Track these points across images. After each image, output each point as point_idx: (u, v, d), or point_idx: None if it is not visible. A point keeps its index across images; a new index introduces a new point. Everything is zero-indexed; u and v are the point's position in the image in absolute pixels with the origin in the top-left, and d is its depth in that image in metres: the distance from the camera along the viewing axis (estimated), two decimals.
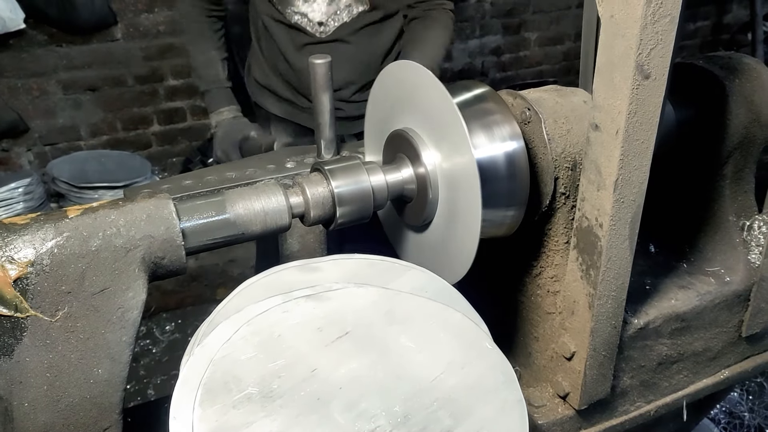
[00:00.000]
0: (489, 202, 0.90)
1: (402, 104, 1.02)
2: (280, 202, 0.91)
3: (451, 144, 0.93)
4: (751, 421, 2.38)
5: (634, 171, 0.88)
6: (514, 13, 4.81)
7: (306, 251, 1.23)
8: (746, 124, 1.11)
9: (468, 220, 0.92)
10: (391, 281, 0.85)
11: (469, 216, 0.92)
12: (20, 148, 3.72)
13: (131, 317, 0.81)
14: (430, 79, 0.94)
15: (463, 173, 0.91)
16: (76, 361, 0.78)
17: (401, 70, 1.01)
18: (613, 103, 0.84)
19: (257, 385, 0.71)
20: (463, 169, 0.91)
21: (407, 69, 1.00)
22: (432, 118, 0.96)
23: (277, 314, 0.78)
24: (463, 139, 0.89)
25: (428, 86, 0.98)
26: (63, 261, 0.76)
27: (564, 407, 1.10)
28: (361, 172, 0.97)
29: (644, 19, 0.77)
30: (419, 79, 0.97)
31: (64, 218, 0.78)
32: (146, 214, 0.82)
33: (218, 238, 0.88)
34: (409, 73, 1.00)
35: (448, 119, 0.92)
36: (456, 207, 0.95)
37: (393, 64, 1.03)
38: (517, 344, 1.21)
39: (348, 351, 0.75)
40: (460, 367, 0.75)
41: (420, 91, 0.97)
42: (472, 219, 0.91)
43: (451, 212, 0.97)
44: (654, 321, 1.10)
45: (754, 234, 1.18)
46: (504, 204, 0.96)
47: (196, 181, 1.17)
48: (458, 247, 0.96)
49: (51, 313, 0.76)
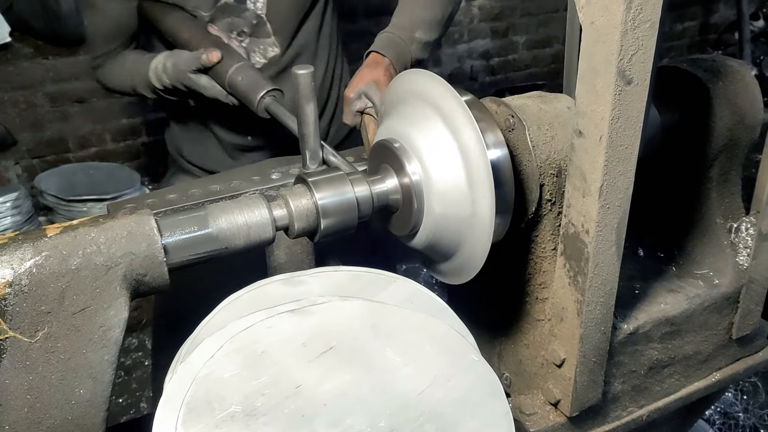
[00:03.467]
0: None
1: (392, 112, 1.03)
2: (264, 215, 0.90)
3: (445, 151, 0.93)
4: (745, 422, 2.38)
5: (619, 177, 0.88)
6: (502, 16, 4.83)
7: (293, 263, 1.22)
8: (731, 126, 1.11)
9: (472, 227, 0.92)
10: (376, 293, 0.84)
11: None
12: (8, 162, 3.69)
13: (113, 336, 0.80)
14: (417, 85, 0.93)
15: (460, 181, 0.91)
16: (57, 382, 0.76)
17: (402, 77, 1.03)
18: (596, 109, 0.84)
19: (241, 403, 0.70)
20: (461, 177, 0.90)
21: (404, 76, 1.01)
22: (419, 124, 0.96)
23: (261, 330, 0.77)
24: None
25: (414, 92, 0.98)
26: (42, 281, 0.75)
27: (555, 414, 1.10)
28: (345, 183, 0.96)
29: (624, 25, 0.77)
30: (408, 85, 0.96)
31: (43, 237, 0.77)
32: (127, 231, 0.81)
33: (201, 253, 0.87)
34: (403, 79, 1.01)
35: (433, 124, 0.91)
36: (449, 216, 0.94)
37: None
38: (508, 351, 1.20)
39: (332, 366, 0.74)
40: (446, 380, 0.74)
41: (410, 96, 0.97)
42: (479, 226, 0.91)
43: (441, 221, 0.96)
44: (644, 326, 1.10)
45: (741, 236, 1.18)
46: None
47: (181, 194, 1.16)
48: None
49: (30, 333, 0.75)
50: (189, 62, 1.57)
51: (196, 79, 1.58)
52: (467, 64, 4.82)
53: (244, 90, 1.51)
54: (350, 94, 1.55)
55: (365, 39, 4.82)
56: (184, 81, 1.60)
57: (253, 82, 1.50)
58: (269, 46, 1.78)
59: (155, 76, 1.66)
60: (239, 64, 1.53)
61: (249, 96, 1.49)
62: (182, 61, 1.58)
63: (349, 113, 1.56)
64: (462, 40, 4.74)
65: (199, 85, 1.59)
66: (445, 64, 4.73)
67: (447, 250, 1.00)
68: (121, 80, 1.82)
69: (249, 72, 1.52)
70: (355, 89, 1.55)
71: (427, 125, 0.96)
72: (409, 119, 0.99)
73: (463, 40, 4.75)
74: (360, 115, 1.56)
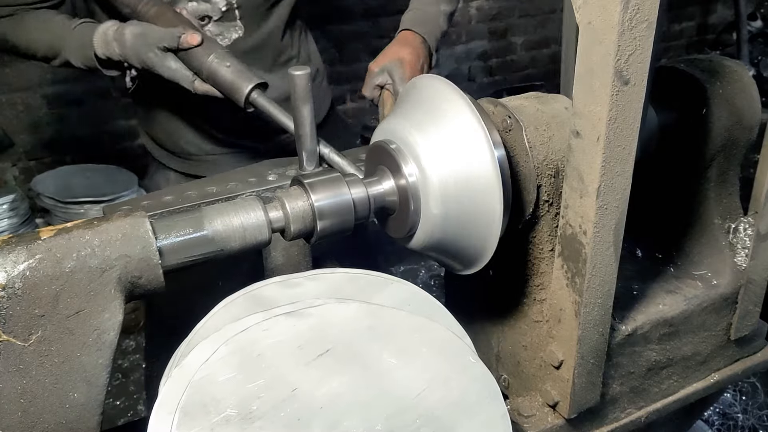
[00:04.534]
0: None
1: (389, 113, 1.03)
2: (259, 217, 0.90)
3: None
4: (744, 422, 2.38)
5: (617, 177, 0.87)
6: (499, 17, 4.82)
7: (290, 264, 1.22)
8: (728, 126, 1.11)
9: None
10: (373, 295, 0.84)
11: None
12: (5, 164, 3.68)
13: (108, 339, 0.79)
14: (415, 85, 0.93)
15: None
16: (51, 385, 0.76)
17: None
18: (594, 110, 0.83)
19: (236, 407, 0.69)
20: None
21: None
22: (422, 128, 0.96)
23: (257, 332, 0.76)
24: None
25: (412, 92, 0.98)
26: (36, 284, 0.74)
27: (554, 416, 1.09)
28: (341, 184, 0.95)
29: (621, 25, 0.76)
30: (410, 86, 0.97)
31: (37, 240, 0.76)
32: (122, 234, 0.80)
33: (196, 255, 0.87)
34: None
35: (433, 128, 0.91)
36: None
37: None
38: (506, 353, 1.20)
39: (329, 369, 0.74)
40: (443, 382, 0.74)
41: (407, 96, 0.97)
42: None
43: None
44: (642, 327, 1.10)
45: (739, 236, 1.18)
46: None
47: (177, 196, 1.16)
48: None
49: (24, 337, 0.74)
50: (161, 38, 1.42)
51: (162, 57, 1.43)
52: (465, 65, 4.81)
53: (230, 80, 1.41)
54: (375, 68, 1.59)
55: (363, 40, 4.82)
56: (145, 56, 1.43)
57: (240, 73, 1.41)
58: (234, 29, 1.71)
59: (102, 42, 1.47)
60: (220, 50, 1.44)
61: (234, 86, 1.40)
62: (152, 35, 1.43)
63: (369, 86, 1.60)
64: (460, 41, 4.74)
65: (162, 64, 1.44)
66: (443, 65, 4.72)
67: (446, 251, 1.00)
68: (37, 38, 1.57)
69: (233, 61, 1.43)
70: (380, 64, 1.59)
71: (424, 125, 0.96)
72: (407, 120, 0.99)
73: (461, 41, 4.75)
74: (380, 89, 1.60)
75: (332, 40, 4.35)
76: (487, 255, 0.96)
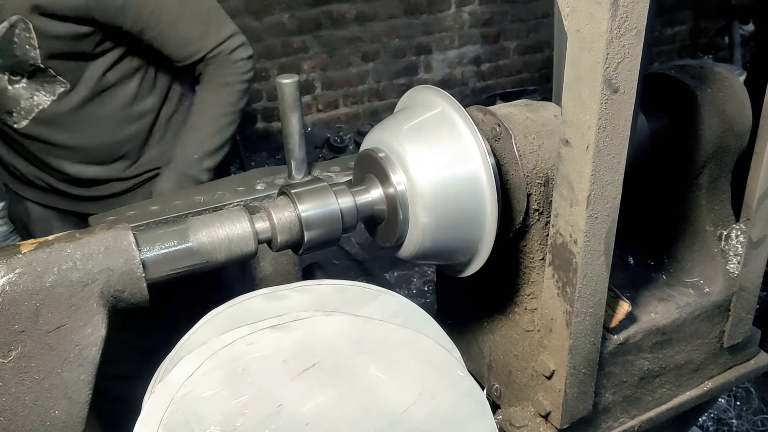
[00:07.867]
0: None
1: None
2: (245, 228, 0.88)
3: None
4: (739, 428, 2.37)
5: (607, 186, 0.86)
6: (492, 22, 4.82)
7: (279, 274, 1.20)
8: (719, 133, 1.10)
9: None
10: (360, 308, 0.82)
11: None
12: None
13: (90, 354, 0.77)
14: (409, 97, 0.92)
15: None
16: (31, 403, 0.74)
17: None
18: (583, 118, 0.82)
19: (220, 424, 0.68)
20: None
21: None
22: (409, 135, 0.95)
23: (242, 347, 0.75)
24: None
25: (401, 102, 0.97)
26: (15, 298, 0.73)
27: (546, 426, 1.08)
28: (328, 194, 0.94)
29: (610, 33, 0.75)
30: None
31: (17, 254, 0.75)
32: (104, 246, 0.79)
33: (181, 267, 0.85)
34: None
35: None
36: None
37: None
38: (498, 362, 1.19)
39: (315, 384, 0.72)
40: (431, 397, 0.72)
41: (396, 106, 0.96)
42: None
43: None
44: (634, 335, 1.09)
45: (731, 243, 1.17)
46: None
47: (163, 206, 1.14)
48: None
49: (3, 353, 0.73)
50: None
51: None
52: (458, 70, 4.81)
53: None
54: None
55: (354, 44, 4.80)
56: None
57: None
58: (57, 83, 1.67)
59: None
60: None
61: None
62: None
63: None
64: (452, 45, 4.74)
65: None
66: (436, 70, 4.72)
67: (436, 259, 0.99)
68: None
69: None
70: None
71: (413, 134, 0.95)
72: (396, 128, 0.98)
73: (454, 45, 4.74)
74: None
75: (324, 46, 4.35)
76: (479, 262, 0.96)
